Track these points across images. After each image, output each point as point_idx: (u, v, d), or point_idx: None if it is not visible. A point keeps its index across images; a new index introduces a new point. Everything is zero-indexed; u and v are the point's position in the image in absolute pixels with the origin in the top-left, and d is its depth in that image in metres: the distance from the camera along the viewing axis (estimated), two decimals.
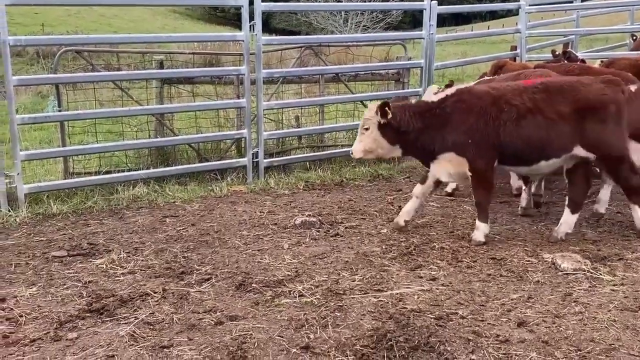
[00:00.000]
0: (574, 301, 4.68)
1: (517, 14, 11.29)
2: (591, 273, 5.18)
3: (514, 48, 11.60)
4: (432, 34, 9.57)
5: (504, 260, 5.56)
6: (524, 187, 7.05)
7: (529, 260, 5.55)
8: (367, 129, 6.14)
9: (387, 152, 6.31)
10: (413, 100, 6.97)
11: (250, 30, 8.19)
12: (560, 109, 5.79)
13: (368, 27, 39.69)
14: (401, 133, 6.08)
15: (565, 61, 9.13)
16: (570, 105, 5.79)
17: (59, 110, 7.72)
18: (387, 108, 5.98)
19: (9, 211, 6.97)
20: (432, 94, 6.85)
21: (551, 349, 4.01)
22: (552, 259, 5.48)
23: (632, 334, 4.18)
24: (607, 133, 5.85)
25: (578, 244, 5.97)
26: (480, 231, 6.03)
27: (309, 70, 9.72)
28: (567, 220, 6.13)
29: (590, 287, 4.95)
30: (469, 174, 5.96)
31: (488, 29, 46.13)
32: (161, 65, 8.65)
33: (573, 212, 6.14)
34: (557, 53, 9.81)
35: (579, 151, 5.87)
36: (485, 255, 5.69)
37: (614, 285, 4.97)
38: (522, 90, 5.91)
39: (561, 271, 5.27)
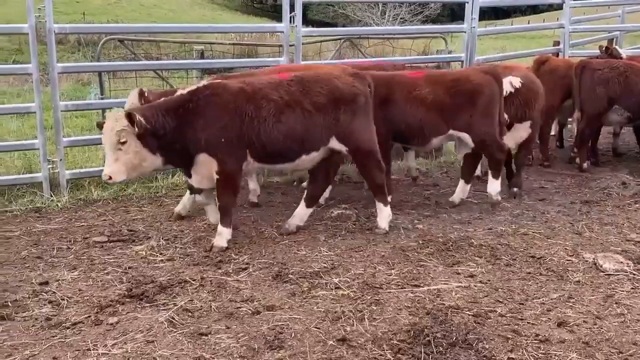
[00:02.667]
0: (616, 303, 4.60)
1: (559, 9, 11.08)
2: (634, 274, 5.09)
3: (556, 43, 11.39)
4: (474, 27, 9.43)
5: (544, 259, 5.47)
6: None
7: (569, 260, 5.46)
8: (124, 143, 5.25)
9: (150, 165, 5.53)
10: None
11: (290, 21, 8.17)
12: (317, 101, 5.69)
13: (406, 20, 39.39)
14: (159, 137, 5.37)
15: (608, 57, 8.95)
16: (325, 97, 5.71)
17: (101, 98, 7.83)
18: (138, 117, 5.18)
19: (52, 196, 7.11)
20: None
21: (592, 350, 3.95)
22: (594, 259, 5.38)
23: None
24: (357, 125, 5.86)
25: (620, 244, 5.86)
26: (223, 237, 5.67)
27: (347, 63, 9.68)
28: (300, 213, 6.16)
29: (632, 288, 4.86)
30: (216, 176, 5.56)
31: (528, 23, 45.40)
32: (202, 56, 8.72)
33: (308, 206, 6.19)
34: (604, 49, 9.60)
35: (334, 143, 5.83)
36: (524, 253, 5.61)
37: None
38: (279, 84, 5.69)
39: (603, 272, 5.18)
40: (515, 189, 7.51)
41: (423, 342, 4.01)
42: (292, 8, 8.13)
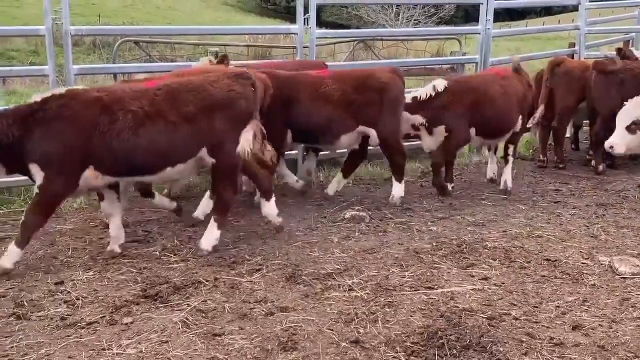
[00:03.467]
0: (632, 306, 4.56)
1: (574, 11, 11.00)
2: None
3: (572, 45, 11.32)
4: (488, 29, 9.41)
5: (559, 262, 5.44)
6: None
7: (584, 263, 5.43)
8: None
9: None
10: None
11: (304, 23, 8.19)
12: (186, 111, 5.30)
13: (420, 22, 39.30)
14: (3, 148, 5.06)
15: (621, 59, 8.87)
16: (195, 106, 5.33)
17: None
18: None
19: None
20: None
21: (608, 354, 3.92)
22: (610, 262, 5.34)
23: None
24: (232, 134, 5.50)
25: (636, 248, 5.81)
26: (10, 257, 5.13)
27: (361, 65, 9.68)
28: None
29: None
30: (36, 190, 5.16)
31: (543, 25, 45.14)
32: (216, 57, 8.73)
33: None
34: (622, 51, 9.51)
35: (204, 154, 5.47)
36: (539, 256, 5.58)
37: None
38: (144, 94, 5.29)
39: (619, 275, 5.14)
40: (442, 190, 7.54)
41: (437, 345, 4.00)
42: (306, 10, 8.15)
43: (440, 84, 7.30)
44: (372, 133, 6.92)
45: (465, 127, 7.35)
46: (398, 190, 7.14)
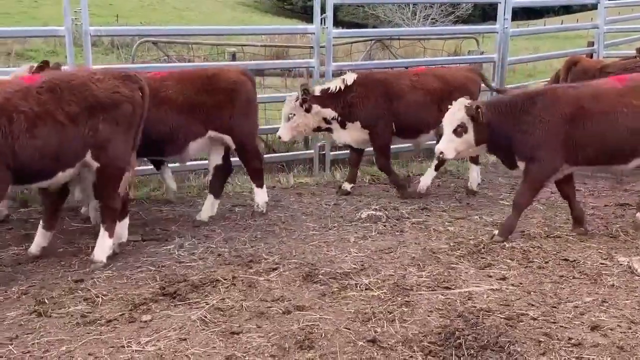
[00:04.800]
0: None
1: (593, 9, 10.91)
2: None
3: (590, 44, 11.23)
4: (506, 28, 9.36)
5: (577, 262, 5.40)
6: None
7: (603, 263, 5.38)
8: None
9: None
10: None
11: (320, 23, 8.20)
12: (70, 110, 5.02)
13: (436, 21, 39.13)
14: None
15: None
16: (78, 105, 5.06)
17: None
18: None
19: None
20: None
21: (627, 355, 3.89)
22: (629, 262, 5.29)
23: None
24: (116, 138, 5.25)
25: None
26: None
27: (378, 64, 9.66)
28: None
29: None
30: None
31: (561, 23, 44.74)
32: (233, 57, 8.81)
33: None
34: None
35: (89, 158, 5.22)
36: (557, 256, 5.54)
37: None
38: (27, 92, 4.93)
39: (638, 275, 5.09)
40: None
41: (454, 345, 3.99)
42: (322, 9, 8.16)
43: (350, 77, 7.18)
44: (226, 139, 6.51)
45: (381, 123, 7.24)
46: (261, 196, 6.80)
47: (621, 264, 5.33)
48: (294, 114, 7.15)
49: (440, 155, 6.12)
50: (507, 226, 6.01)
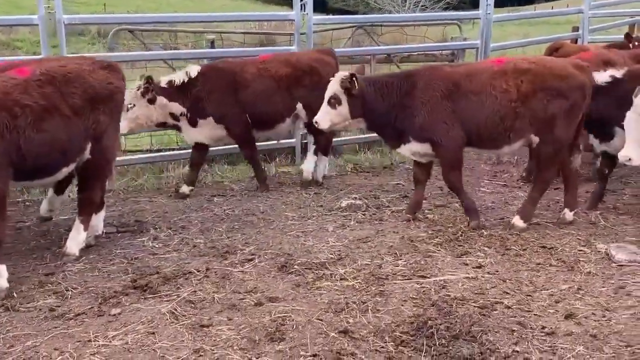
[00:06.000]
0: (627, 294, 4.49)
1: None
2: None
3: (575, 29, 11.15)
4: (489, 13, 9.25)
5: (555, 250, 5.36)
6: None
7: (581, 250, 5.35)
8: None
9: None
10: None
11: (301, 9, 8.08)
12: (73, 103, 4.91)
13: (426, 7, 38.89)
14: None
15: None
16: (81, 97, 4.96)
17: None
18: None
19: None
20: None
21: (600, 343, 3.86)
22: (606, 249, 5.26)
23: None
24: (110, 129, 5.20)
25: (635, 234, 5.72)
26: None
27: (359, 51, 9.59)
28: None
29: None
30: None
31: (552, 9, 44.60)
32: (212, 45, 8.67)
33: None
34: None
35: (87, 153, 5.12)
36: (535, 243, 5.50)
37: None
38: (26, 85, 4.71)
39: (615, 262, 5.06)
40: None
41: (426, 334, 3.95)
42: None
43: (193, 69, 6.80)
44: None
45: (236, 113, 6.88)
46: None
47: (599, 251, 5.29)
48: (134, 104, 6.56)
49: (315, 125, 6.06)
50: (466, 207, 6.01)
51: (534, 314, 4.22)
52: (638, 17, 12.66)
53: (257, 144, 7.29)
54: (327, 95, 5.94)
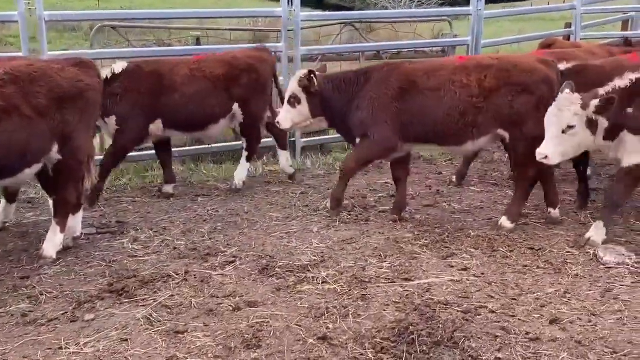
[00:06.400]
0: (614, 298, 4.39)
1: None
2: (635, 268, 4.86)
3: (568, 25, 11.05)
4: (479, 10, 9.15)
5: (543, 251, 5.26)
6: None
7: (569, 252, 5.24)
8: None
9: None
10: None
11: (289, 5, 7.95)
12: (37, 103, 4.75)
13: (423, 3, 38.66)
14: None
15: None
16: (46, 97, 4.80)
17: None
18: None
19: None
20: None
21: (584, 349, 3.76)
22: (595, 251, 5.15)
23: None
24: (80, 128, 5.04)
25: (625, 235, 5.62)
26: None
27: (348, 48, 9.45)
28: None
29: (633, 283, 4.64)
30: None
31: (548, 4, 44.45)
32: (198, 42, 8.54)
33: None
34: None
35: (54, 152, 4.98)
36: (523, 245, 5.40)
37: None
38: None
39: (603, 264, 4.95)
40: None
41: (407, 341, 3.84)
42: None
43: (119, 66, 6.47)
44: None
45: (138, 121, 6.49)
46: None
47: (587, 253, 5.19)
48: None
49: (278, 125, 6.05)
50: (332, 196, 6.10)
51: (519, 319, 4.12)
52: (631, 12, 12.57)
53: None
54: (287, 94, 5.93)
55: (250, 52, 7.17)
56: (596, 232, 5.29)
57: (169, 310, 4.27)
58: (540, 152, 5.06)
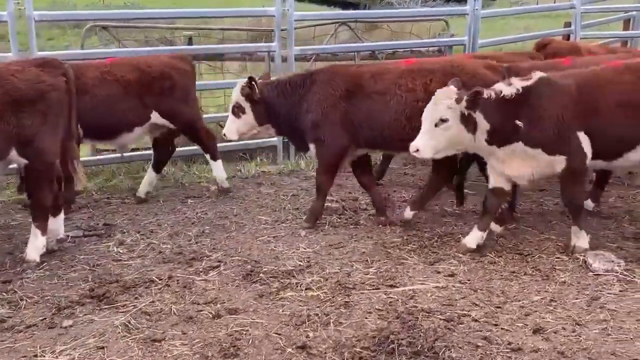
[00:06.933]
0: (600, 307, 4.31)
1: None
2: (624, 275, 4.77)
3: (567, 24, 10.92)
4: (476, 9, 9.04)
5: (532, 257, 5.19)
6: None
7: (558, 258, 5.16)
8: None
9: None
10: None
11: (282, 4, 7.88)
12: None
13: (429, 0, 38.41)
14: None
15: None
16: (1, 101, 4.70)
17: None
18: None
19: None
20: None
21: None
22: (584, 257, 5.07)
23: None
24: (44, 131, 4.92)
25: (616, 240, 5.54)
26: None
27: (342, 47, 9.37)
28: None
29: (621, 291, 4.56)
30: None
31: (554, 2, 44.14)
32: (190, 41, 8.49)
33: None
34: None
35: (14, 156, 4.91)
36: (512, 250, 5.33)
37: None
38: None
39: (591, 271, 4.87)
40: None
41: (387, 350, 3.79)
42: None
43: None
44: None
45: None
46: None
47: (577, 259, 5.11)
48: None
49: (224, 137, 6.04)
50: (312, 210, 5.96)
51: (502, 328, 4.06)
52: (633, 12, 12.43)
53: (235, 142, 7.10)
54: (231, 104, 5.90)
55: (165, 59, 6.75)
56: (577, 238, 5.22)
57: (148, 317, 4.23)
58: (412, 145, 5.01)
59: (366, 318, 4.20)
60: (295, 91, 5.83)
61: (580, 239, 5.20)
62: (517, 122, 4.93)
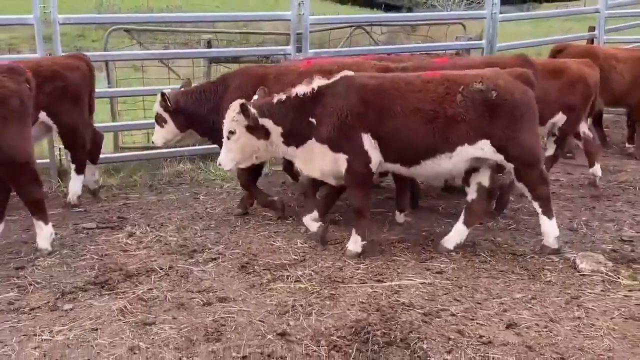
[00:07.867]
0: (578, 305, 4.40)
1: None
2: (609, 276, 4.84)
3: (592, 29, 10.87)
4: (494, 13, 9.12)
5: (524, 257, 5.29)
6: None
7: (549, 258, 5.24)
8: None
9: None
10: None
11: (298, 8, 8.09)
12: None
13: (472, 2, 38.05)
14: None
15: None
16: None
17: (109, 87, 8.02)
18: None
19: (59, 182, 7.35)
20: None
21: (533, 354, 3.81)
22: (574, 258, 5.15)
23: (629, 345, 3.90)
24: (8, 134, 4.98)
25: (613, 242, 5.60)
26: None
27: (356, 51, 9.52)
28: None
29: (602, 291, 4.63)
30: None
31: (584, 6, 43.20)
32: (209, 45, 8.79)
33: None
34: None
35: None
36: (506, 250, 5.43)
37: (629, 290, 4.63)
38: None
39: (579, 272, 4.95)
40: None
41: (361, 340, 3.96)
42: None
43: None
44: None
45: None
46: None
47: (567, 259, 5.19)
48: None
49: (152, 144, 6.37)
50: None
51: (477, 323, 4.18)
52: None
53: None
54: (154, 114, 6.28)
55: (59, 59, 6.70)
56: (352, 242, 5.35)
57: (143, 303, 4.49)
58: (217, 160, 5.40)
59: (348, 310, 4.38)
60: (210, 97, 6.14)
61: (353, 243, 5.33)
62: (311, 119, 5.13)
